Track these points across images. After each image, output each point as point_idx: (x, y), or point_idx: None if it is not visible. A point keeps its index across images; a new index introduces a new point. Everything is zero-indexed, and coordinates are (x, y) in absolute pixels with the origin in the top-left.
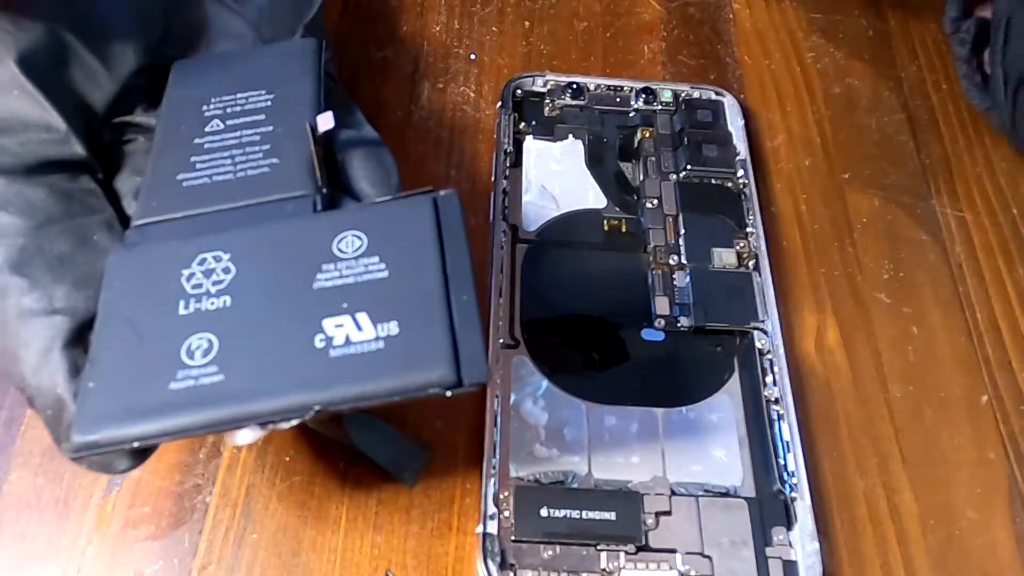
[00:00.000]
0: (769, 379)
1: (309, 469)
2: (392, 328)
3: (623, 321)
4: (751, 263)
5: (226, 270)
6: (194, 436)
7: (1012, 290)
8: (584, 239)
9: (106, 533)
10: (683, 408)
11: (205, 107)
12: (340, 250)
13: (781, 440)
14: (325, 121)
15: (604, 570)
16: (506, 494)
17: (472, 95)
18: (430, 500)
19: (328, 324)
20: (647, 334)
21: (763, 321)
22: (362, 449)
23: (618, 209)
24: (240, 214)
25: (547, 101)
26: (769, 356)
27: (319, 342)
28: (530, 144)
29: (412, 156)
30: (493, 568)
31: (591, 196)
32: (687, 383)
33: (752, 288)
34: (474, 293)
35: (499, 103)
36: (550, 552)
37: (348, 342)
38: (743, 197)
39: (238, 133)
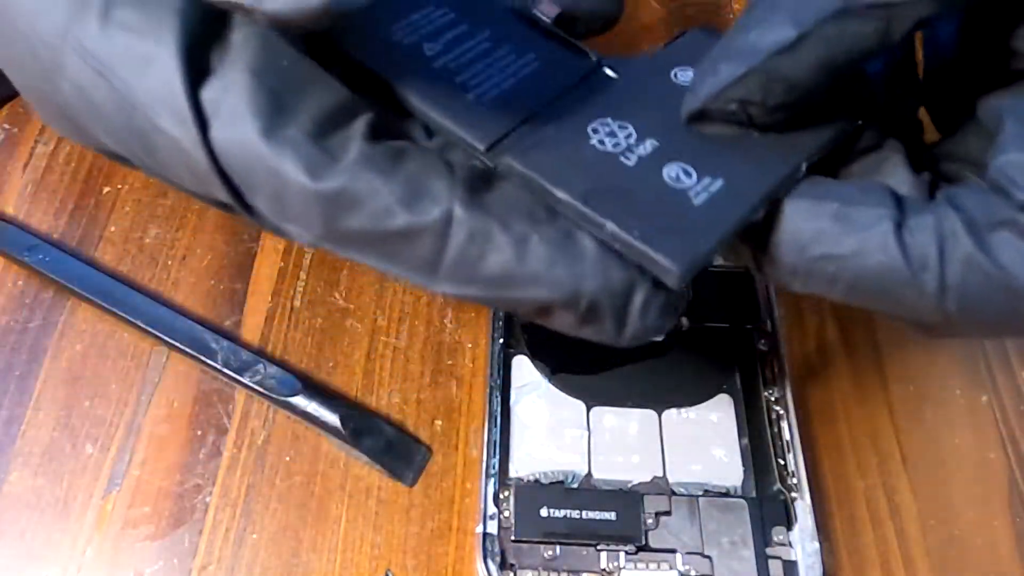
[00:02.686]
0: (769, 379)
1: (309, 469)
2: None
3: None
4: None
5: (621, 127)
6: (739, 230)
7: None
8: None
9: (106, 533)
10: (683, 408)
11: (395, 27)
12: (684, 82)
13: (781, 440)
14: (548, 8)
15: (604, 570)
16: (506, 494)
17: None
18: (430, 500)
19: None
20: None
21: (763, 321)
22: (362, 449)
23: None
24: (562, 102)
25: None
26: (769, 356)
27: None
28: None
29: None
30: (493, 568)
31: None
32: (687, 383)
33: (752, 288)
34: None
35: None
36: (550, 552)
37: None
38: None
39: (462, 50)
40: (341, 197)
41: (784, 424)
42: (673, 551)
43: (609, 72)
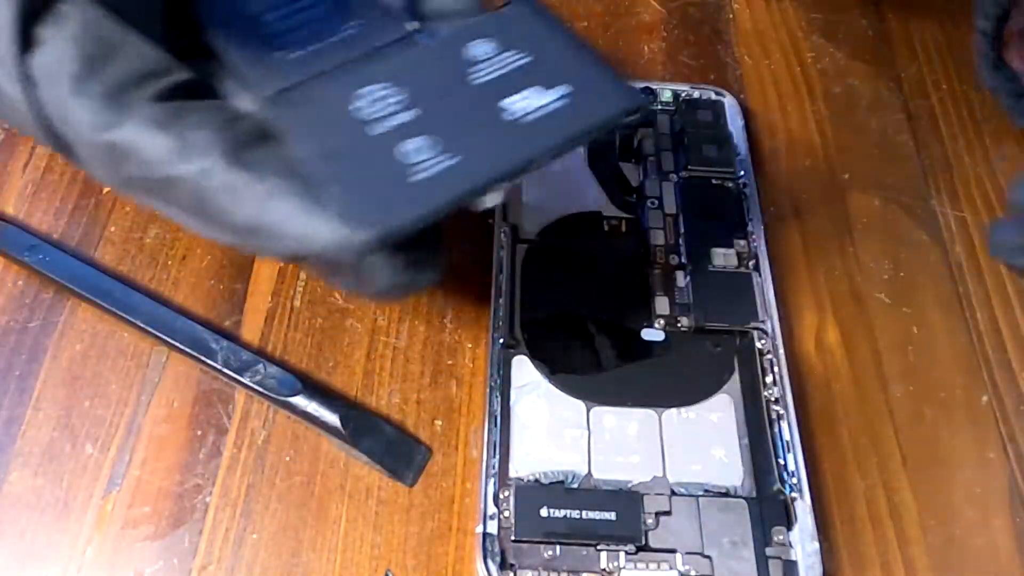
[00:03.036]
0: (769, 379)
1: (309, 469)
2: (563, 88)
3: (623, 321)
4: (751, 263)
5: (390, 94)
6: (452, 211)
7: (1012, 290)
8: (584, 239)
9: (106, 533)
10: (683, 408)
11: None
12: (475, 56)
13: (781, 440)
14: None
15: (604, 570)
16: (506, 494)
17: None
18: (430, 500)
19: (509, 103)
20: (647, 334)
21: (763, 321)
22: (362, 449)
23: (618, 209)
24: (362, 62)
25: None
26: (769, 356)
27: (511, 116)
28: None
29: None
30: (493, 568)
31: (591, 196)
32: (687, 383)
33: (752, 288)
34: (581, 39)
35: None
36: (550, 552)
37: (538, 108)
38: (743, 197)
39: (300, 11)
40: (117, 148)
41: (784, 424)
42: (673, 551)
43: (419, 40)
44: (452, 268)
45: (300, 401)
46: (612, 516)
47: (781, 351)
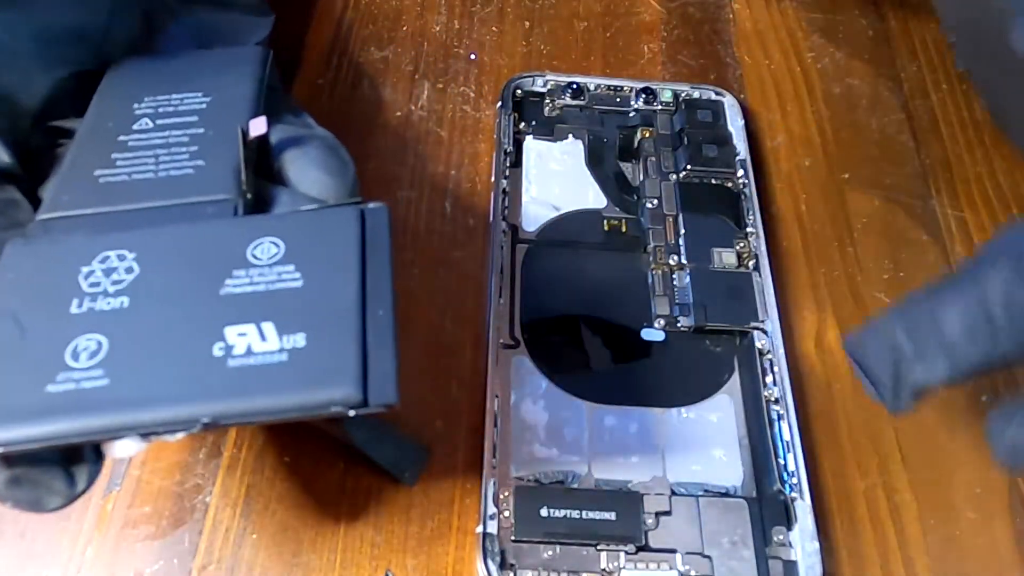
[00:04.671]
0: (769, 379)
1: (309, 469)
2: (299, 340)
3: (623, 321)
4: (751, 263)
5: (129, 270)
6: (69, 443)
7: None
8: (584, 239)
9: (106, 533)
10: (683, 408)
11: (136, 105)
12: (255, 256)
13: (781, 440)
14: (257, 126)
15: (604, 570)
16: (506, 494)
17: (472, 95)
18: (430, 500)
19: (230, 332)
20: (647, 334)
21: (763, 321)
22: (362, 449)
23: (618, 209)
24: (155, 214)
25: (547, 101)
26: (769, 356)
27: (218, 350)
28: (530, 144)
29: (412, 156)
30: (493, 568)
31: (591, 196)
32: (687, 383)
33: (752, 288)
34: (392, 311)
35: (499, 103)
36: (550, 552)
37: (249, 352)
38: (743, 197)
39: (167, 133)
40: None
41: (784, 424)
42: (673, 551)
43: (237, 210)
44: (452, 268)
45: None
46: (612, 516)
47: (781, 351)
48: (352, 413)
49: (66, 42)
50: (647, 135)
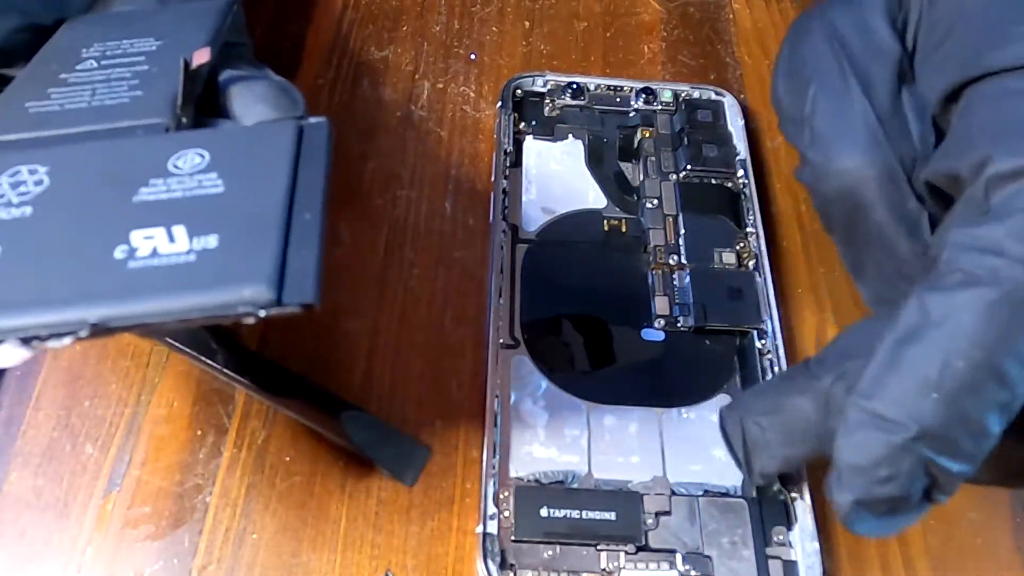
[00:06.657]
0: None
1: (309, 469)
2: (210, 241)
3: (623, 321)
4: (751, 263)
5: (38, 183)
6: None
7: None
8: (584, 239)
9: (106, 533)
10: (683, 408)
11: (84, 50)
12: (176, 167)
13: None
14: (201, 55)
15: (604, 570)
16: (506, 494)
17: (472, 95)
18: (430, 500)
19: (136, 235)
20: (647, 334)
21: (763, 321)
22: (362, 449)
23: (618, 209)
24: (82, 138)
25: (547, 101)
26: (769, 356)
27: (120, 253)
28: (530, 144)
29: (412, 156)
30: (493, 568)
31: (591, 196)
32: (687, 383)
33: (752, 288)
34: (321, 216)
35: (499, 103)
36: (550, 552)
37: (154, 254)
38: (743, 197)
39: (108, 71)
40: None
41: None
42: (673, 551)
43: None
44: (452, 268)
45: (300, 401)
46: (612, 516)
47: (781, 351)
48: (263, 314)
49: None
50: (647, 135)
